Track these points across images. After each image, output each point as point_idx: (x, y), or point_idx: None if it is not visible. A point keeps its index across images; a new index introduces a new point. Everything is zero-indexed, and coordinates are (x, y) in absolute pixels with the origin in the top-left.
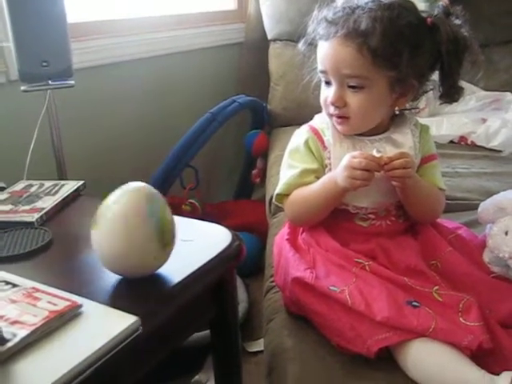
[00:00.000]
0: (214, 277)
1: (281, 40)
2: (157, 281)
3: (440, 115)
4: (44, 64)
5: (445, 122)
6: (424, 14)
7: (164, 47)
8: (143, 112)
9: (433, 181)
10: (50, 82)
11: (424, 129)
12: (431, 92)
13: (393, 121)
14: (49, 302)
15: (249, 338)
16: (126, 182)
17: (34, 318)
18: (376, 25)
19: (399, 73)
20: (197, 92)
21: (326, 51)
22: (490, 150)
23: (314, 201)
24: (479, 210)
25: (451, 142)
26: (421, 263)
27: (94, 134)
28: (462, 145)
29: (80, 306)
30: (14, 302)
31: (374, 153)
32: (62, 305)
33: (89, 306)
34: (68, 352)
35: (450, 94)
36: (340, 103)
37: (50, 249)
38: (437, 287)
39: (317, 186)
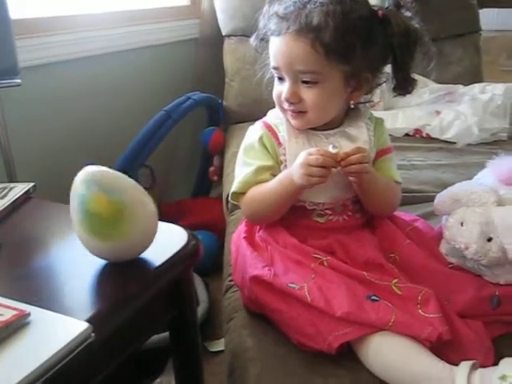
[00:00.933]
0: (171, 277)
1: (235, 36)
2: (109, 283)
3: (395, 108)
4: None
5: (400, 115)
6: (375, 7)
7: (116, 44)
8: (95, 111)
9: (389, 174)
10: None
11: (378, 122)
12: (385, 85)
13: (347, 115)
14: None
15: (211, 338)
16: None
17: None
18: (328, 19)
19: (353, 67)
20: (151, 90)
21: (279, 47)
22: (445, 141)
23: (270, 199)
24: (435, 201)
25: (406, 134)
26: (379, 256)
27: (44, 134)
28: (417, 137)
29: (28, 315)
30: None
31: (330, 149)
32: (8, 314)
33: (37, 314)
34: (14, 364)
35: (404, 86)
36: (294, 99)
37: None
38: (395, 280)
39: (273, 184)
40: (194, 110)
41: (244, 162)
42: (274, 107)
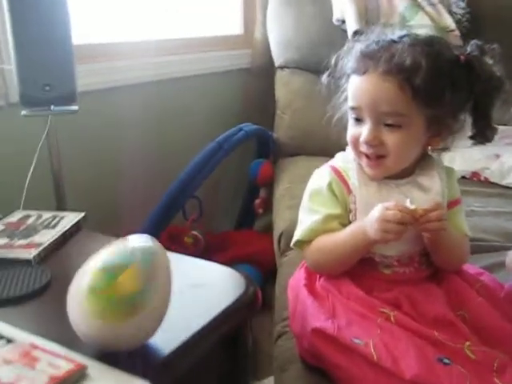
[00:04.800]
0: (228, 330)
1: (288, 67)
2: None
3: (452, 150)
4: (46, 88)
5: (457, 158)
6: (456, 51)
7: (169, 71)
8: (146, 139)
9: (459, 227)
10: (52, 107)
11: (449, 171)
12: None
13: (418, 163)
14: (49, 365)
15: (252, 378)
16: (128, 214)
17: None
18: (421, 61)
19: (437, 111)
20: (201, 118)
21: (362, 86)
22: (504, 187)
23: (339, 251)
24: (508, 259)
25: (463, 177)
26: (449, 313)
27: (96, 161)
28: (474, 181)
29: (85, 368)
30: (9, 362)
31: (408, 204)
32: (64, 367)
33: (92, 368)
34: None
35: (484, 133)
36: (376, 142)
37: (49, 291)
38: (469, 343)
39: (343, 236)
40: (245, 141)
41: (310, 208)
42: (326, 143)
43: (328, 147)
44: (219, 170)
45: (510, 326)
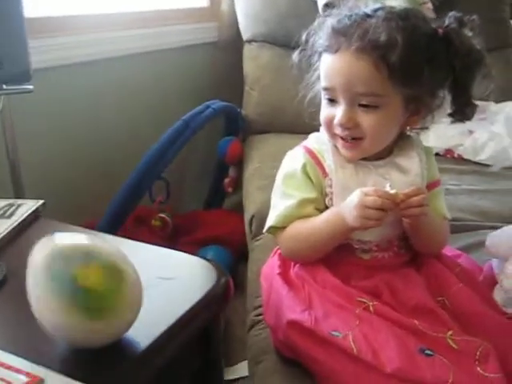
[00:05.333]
0: (200, 325)
1: (256, 41)
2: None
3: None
4: None
5: (431, 134)
6: (433, 24)
7: (130, 47)
8: (107, 119)
9: (438, 209)
10: (4, 86)
11: (428, 151)
12: None
13: (396, 144)
14: (1, 380)
15: (225, 364)
16: (90, 199)
17: None
18: (397, 36)
19: (415, 90)
20: (165, 95)
21: (335, 65)
22: (478, 163)
23: (315, 238)
24: (488, 242)
25: (437, 154)
26: (430, 301)
27: (54, 143)
28: (448, 158)
29: (41, 382)
30: None
31: (387, 188)
32: (18, 382)
33: (50, 379)
34: None
35: (464, 111)
36: (351, 124)
37: (5, 288)
38: (450, 332)
39: (320, 222)
40: (213, 119)
41: (283, 192)
42: (297, 120)
43: (298, 124)
44: (186, 148)
45: (490, 312)
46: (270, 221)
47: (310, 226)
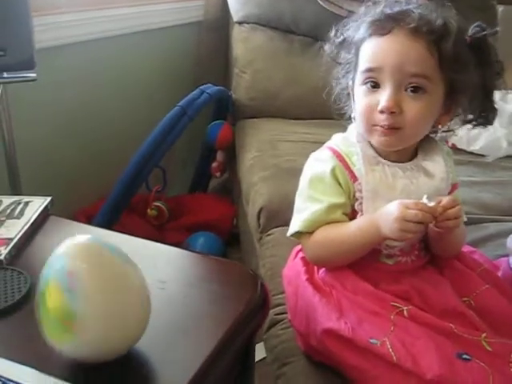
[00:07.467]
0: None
1: (248, 23)
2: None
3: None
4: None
5: None
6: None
7: (113, 27)
8: (87, 103)
9: None
10: (5, 74)
11: (449, 154)
12: None
13: (421, 145)
14: None
15: None
16: (88, 189)
17: None
18: (451, 25)
19: (457, 83)
20: (150, 77)
21: (386, 46)
22: (472, 154)
23: (346, 245)
24: (509, 242)
25: None
26: (459, 304)
27: (49, 131)
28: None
29: None
30: None
31: (425, 200)
32: None
33: None
34: None
35: (488, 117)
36: (396, 108)
37: (30, 302)
38: (484, 334)
39: (352, 229)
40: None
41: (310, 196)
42: (291, 105)
43: (290, 109)
44: None
45: None
46: (296, 226)
47: (340, 233)
